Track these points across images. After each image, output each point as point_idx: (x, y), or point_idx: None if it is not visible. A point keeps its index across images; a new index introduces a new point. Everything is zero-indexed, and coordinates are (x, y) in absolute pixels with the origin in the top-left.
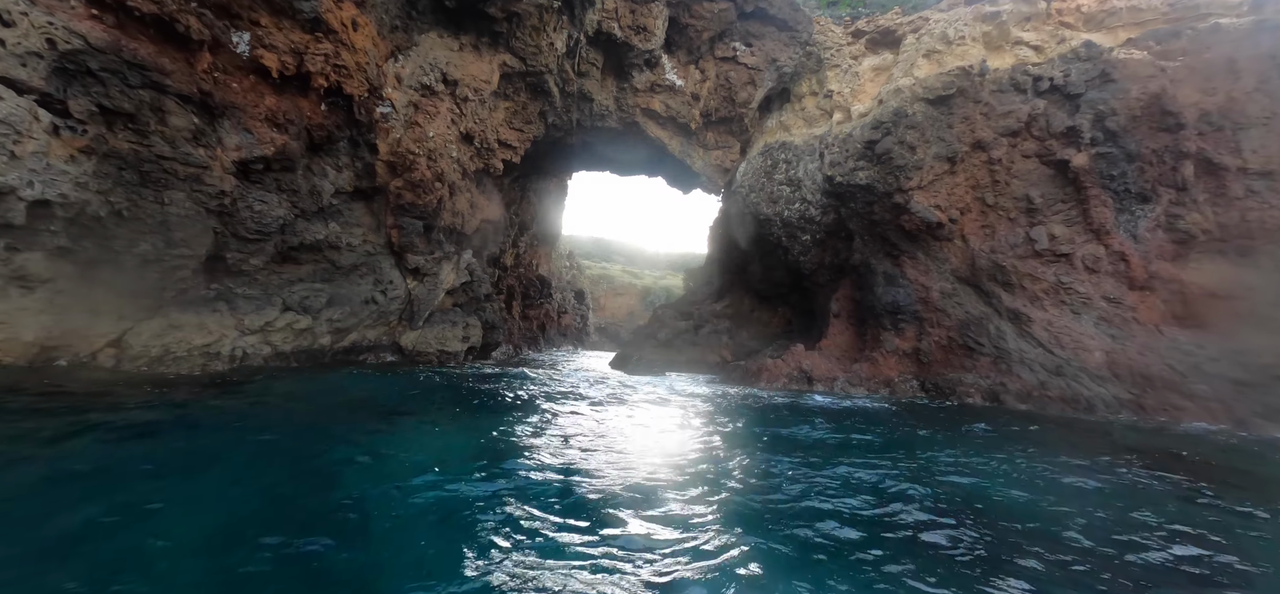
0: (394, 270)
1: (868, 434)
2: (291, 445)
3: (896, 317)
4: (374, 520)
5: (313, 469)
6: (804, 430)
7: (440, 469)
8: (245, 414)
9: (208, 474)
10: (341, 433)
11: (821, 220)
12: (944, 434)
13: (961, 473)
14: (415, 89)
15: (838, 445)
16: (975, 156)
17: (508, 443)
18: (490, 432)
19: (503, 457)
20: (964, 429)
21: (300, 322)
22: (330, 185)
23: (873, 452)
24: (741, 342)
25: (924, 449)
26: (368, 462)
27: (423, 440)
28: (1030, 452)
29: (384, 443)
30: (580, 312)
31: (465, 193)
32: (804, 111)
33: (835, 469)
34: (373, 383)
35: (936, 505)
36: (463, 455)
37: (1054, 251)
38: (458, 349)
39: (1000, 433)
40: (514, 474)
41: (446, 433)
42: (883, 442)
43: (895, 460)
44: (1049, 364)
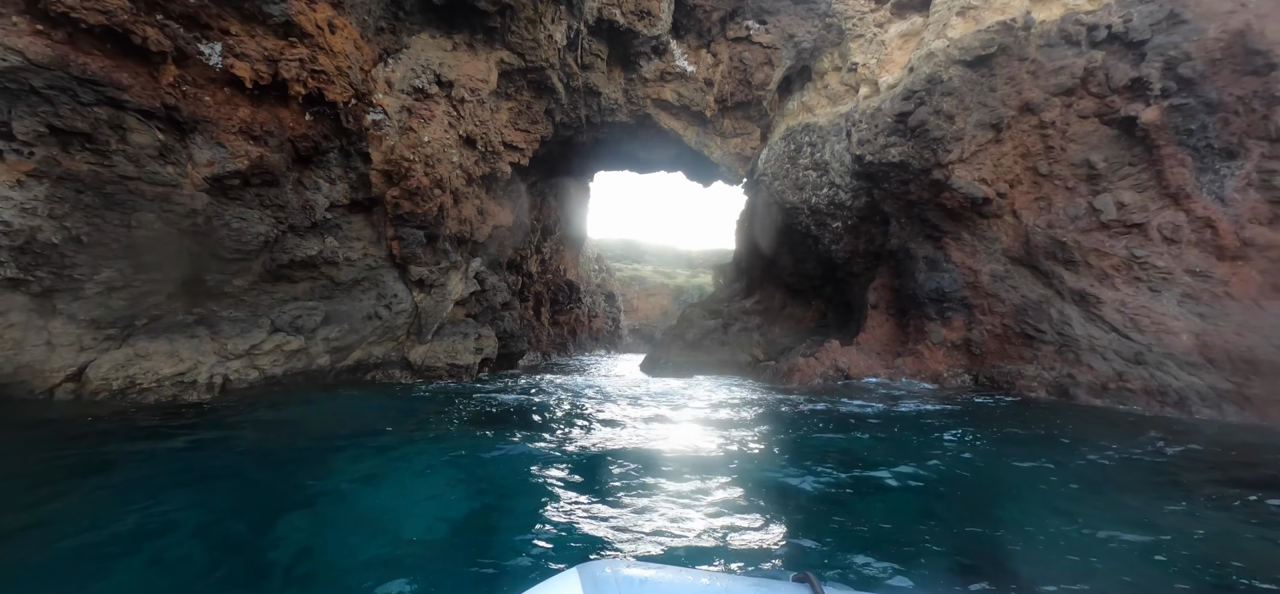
0: (398, 283)
1: (941, 461)
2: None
3: (942, 304)
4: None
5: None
6: (857, 469)
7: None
8: (174, 453)
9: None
10: (285, 474)
11: (852, 205)
12: (1033, 446)
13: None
14: (407, 93)
15: (913, 493)
16: (1024, 121)
17: (460, 480)
18: (451, 467)
19: (448, 495)
20: (1057, 438)
21: (291, 343)
22: (324, 199)
23: (966, 501)
24: (773, 339)
25: (1030, 488)
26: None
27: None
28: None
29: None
30: (611, 314)
31: (473, 199)
32: (827, 89)
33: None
34: (361, 405)
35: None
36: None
37: (1124, 222)
38: (470, 362)
39: (1118, 449)
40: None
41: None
42: (971, 482)
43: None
44: (1126, 351)
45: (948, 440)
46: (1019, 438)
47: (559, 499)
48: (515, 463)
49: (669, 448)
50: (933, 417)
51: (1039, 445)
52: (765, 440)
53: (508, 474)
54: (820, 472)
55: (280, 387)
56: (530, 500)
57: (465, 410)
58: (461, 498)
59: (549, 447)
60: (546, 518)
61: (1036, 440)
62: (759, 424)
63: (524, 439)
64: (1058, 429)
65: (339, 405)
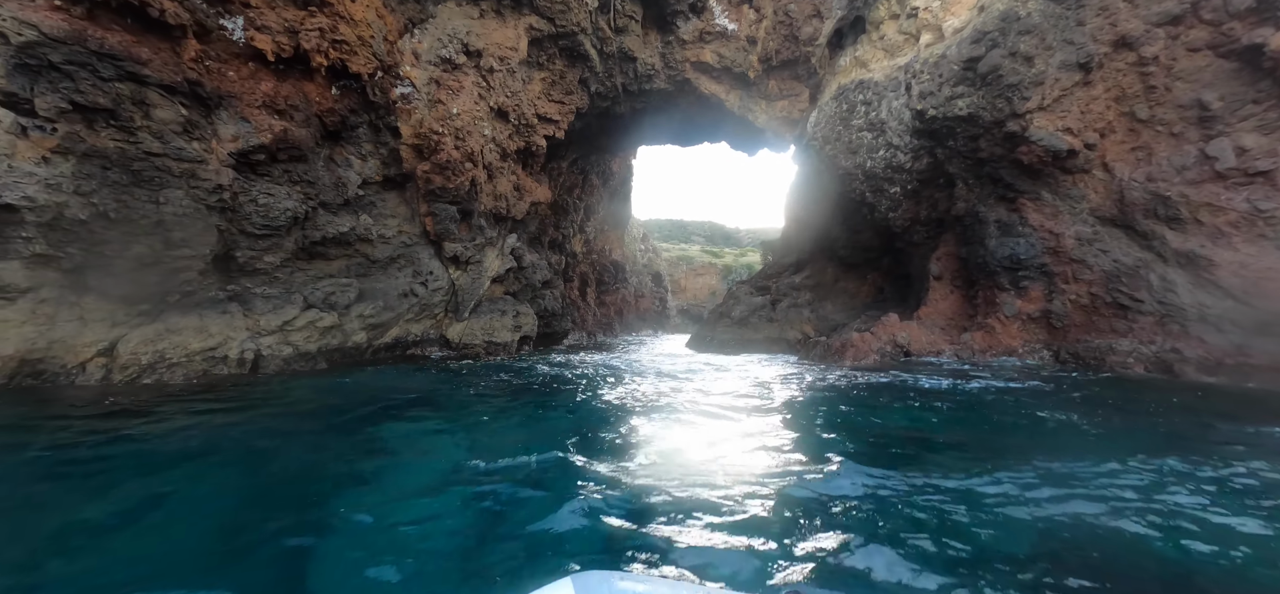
0: (434, 261)
1: (1048, 463)
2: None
3: (1017, 273)
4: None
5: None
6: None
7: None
8: (184, 430)
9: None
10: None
11: (913, 167)
12: (1182, 441)
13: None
14: (435, 64)
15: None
16: (1118, 58)
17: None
18: (466, 450)
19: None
20: (1210, 424)
21: (324, 319)
22: (356, 175)
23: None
24: (825, 315)
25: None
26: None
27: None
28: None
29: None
30: (658, 294)
31: (508, 175)
32: (884, 40)
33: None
34: (389, 382)
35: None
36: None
37: (1245, 171)
38: (508, 339)
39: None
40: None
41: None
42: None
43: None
44: (1248, 320)
45: (1046, 429)
46: (1147, 428)
47: (570, 490)
48: (532, 445)
49: (694, 435)
50: (1016, 398)
51: (1187, 438)
52: (809, 427)
53: (523, 458)
54: (876, 474)
55: (316, 363)
56: (544, 490)
57: (493, 388)
58: (467, 489)
59: (570, 429)
60: (557, 511)
61: (1176, 432)
62: (805, 408)
63: (546, 418)
64: (1195, 413)
65: (367, 382)
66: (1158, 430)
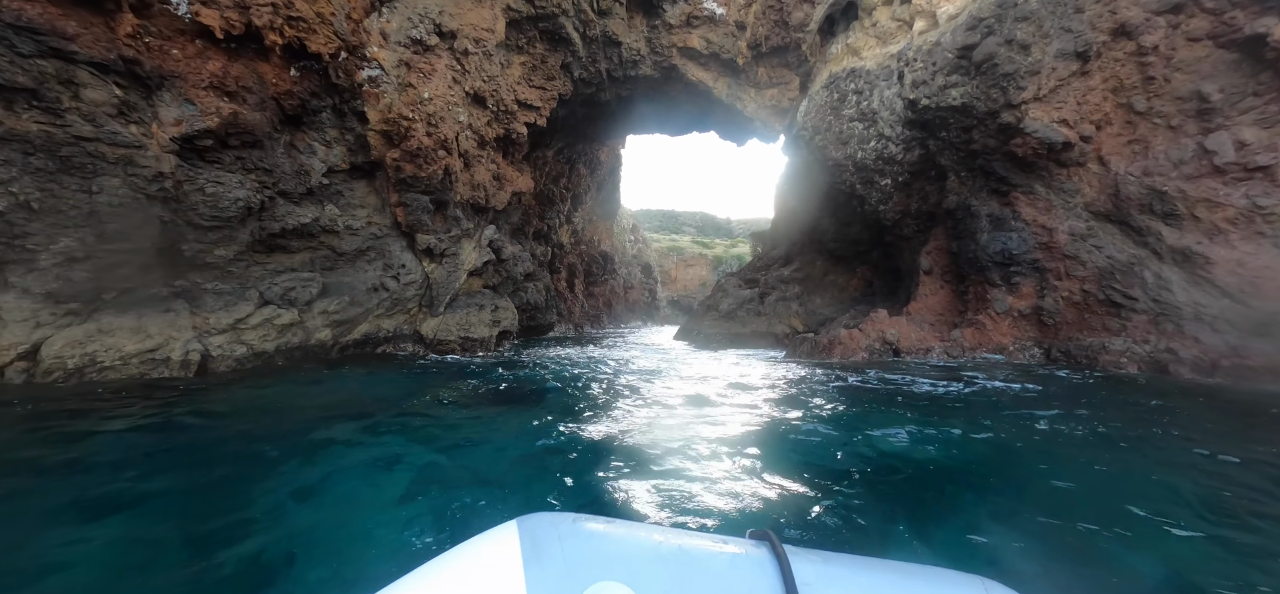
0: (406, 253)
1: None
2: None
3: (1008, 269)
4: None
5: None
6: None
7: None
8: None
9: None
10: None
11: (904, 159)
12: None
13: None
14: (405, 45)
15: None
16: (1117, 48)
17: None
18: (417, 453)
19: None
20: (1212, 431)
21: (283, 316)
22: (320, 163)
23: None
24: (813, 309)
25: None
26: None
27: None
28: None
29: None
30: (648, 285)
31: (487, 163)
32: (876, 27)
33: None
34: (351, 383)
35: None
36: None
37: (1244, 166)
38: (486, 335)
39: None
40: None
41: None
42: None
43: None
44: (1245, 321)
45: (1038, 433)
46: (1162, 437)
47: (516, 486)
48: (487, 447)
49: (651, 440)
50: (1011, 399)
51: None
52: (785, 434)
53: (475, 459)
54: (853, 499)
55: (273, 363)
56: (491, 488)
57: (459, 386)
58: (418, 494)
59: (529, 426)
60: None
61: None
62: (784, 407)
63: (506, 420)
64: (1197, 416)
65: (325, 383)
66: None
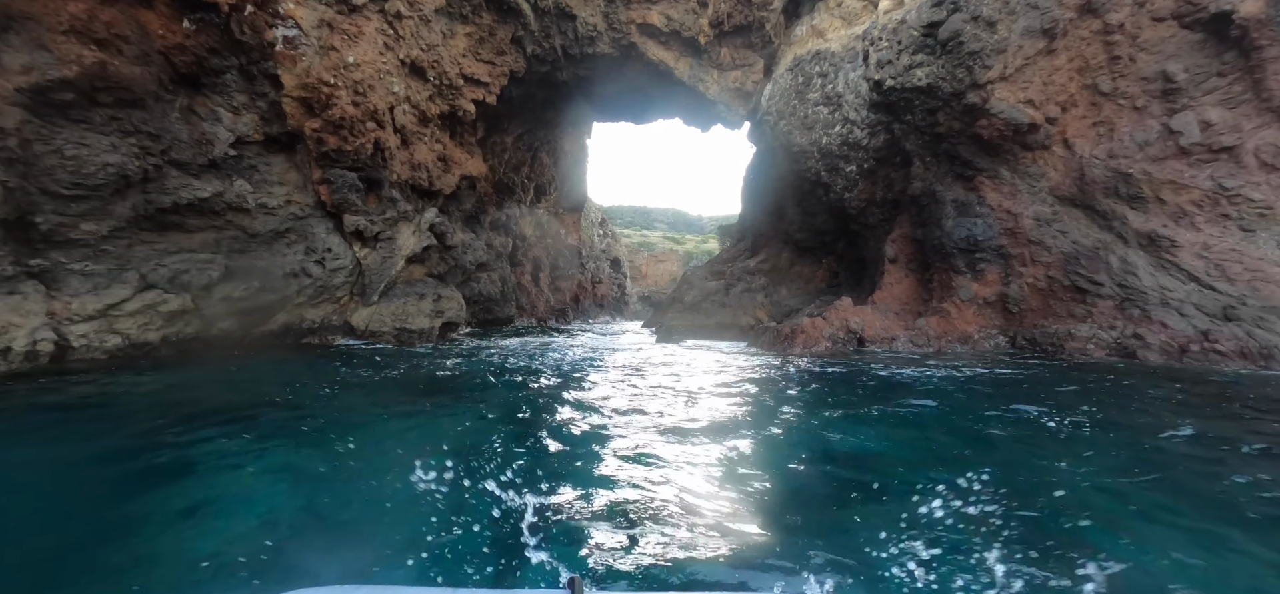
0: (333, 236)
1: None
2: None
3: (973, 255)
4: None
5: None
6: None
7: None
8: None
9: None
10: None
11: (869, 144)
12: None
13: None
14: (326, 3)
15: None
16: (1083, 26)
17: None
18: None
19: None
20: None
21: (170, 302)
22: (227, 131)
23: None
24: (779, 300)
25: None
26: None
27: None
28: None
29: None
30: (617, 280)
31: (430, 142)
32: (841, 8)
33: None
34: (226, 382)
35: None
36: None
37: (1209, 146)
38: (426, 325)
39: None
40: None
41: None
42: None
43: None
44: (1211, 305)
45: (1008, 432)
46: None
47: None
48: (363, 468)
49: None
50: (976, 388)
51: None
52: (722, 431)
53: (339, 487)
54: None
55: (158, 354)
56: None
57: (373, 382)
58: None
59: (430, 434)
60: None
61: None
62: (733, 401)
63: (406, 426)
64: (1185, 399)
65: (215, 379)
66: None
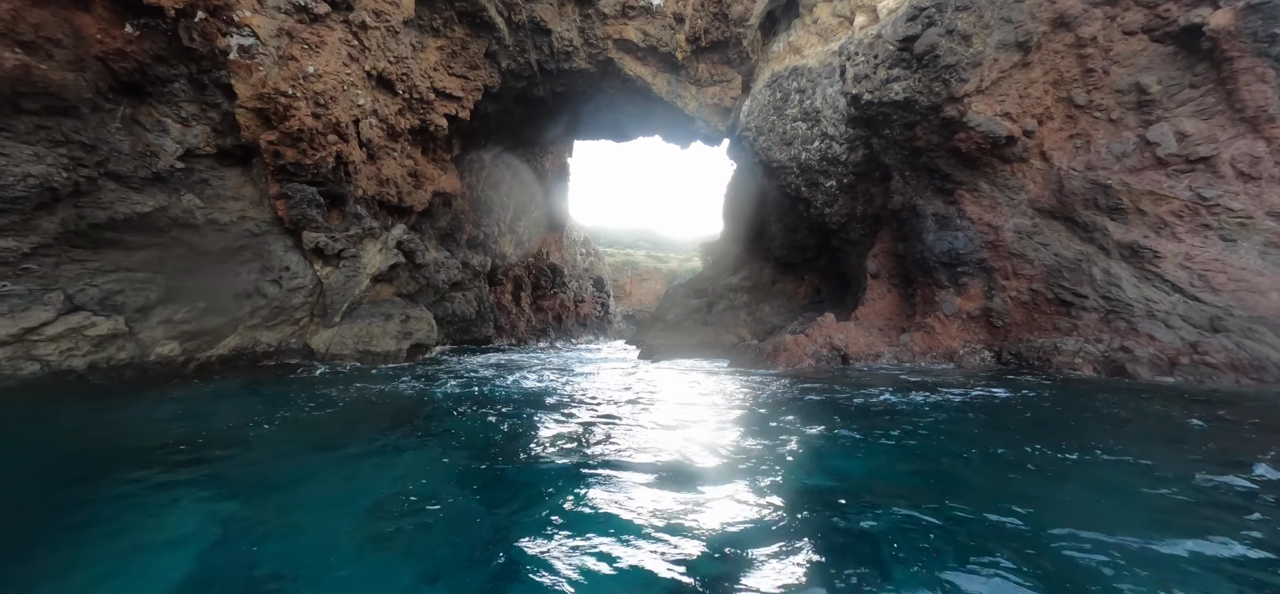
0: (291, 253)
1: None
2: None
3: (955, 269)
4: None
5: None
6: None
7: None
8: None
9: None
10: None
11: (848, 159)
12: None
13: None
14: (286, 11)
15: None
16: (1057, 39)
17: None
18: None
19: None
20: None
21: (99, 325)
22: (174, 143)
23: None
24: (762, 317)
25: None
26: None
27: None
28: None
29: None
30: (600, 299)
31: (400, 158)
32: (818, 24)
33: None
34: (151, 412)
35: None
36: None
37: (1186, 157)
38: (392, 348)
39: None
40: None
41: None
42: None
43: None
44: (1198, 316)
45: (1032, 473)
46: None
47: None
48: (289, 520)
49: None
50: (962, 414)
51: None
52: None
53: (250, 541)
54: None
55: (86, 382)
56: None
57: (324, 409)
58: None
59: (373, 472)
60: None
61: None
62: (714, 432)
63: (348, 463)
64: (1188, 424)
65: (137, 408)
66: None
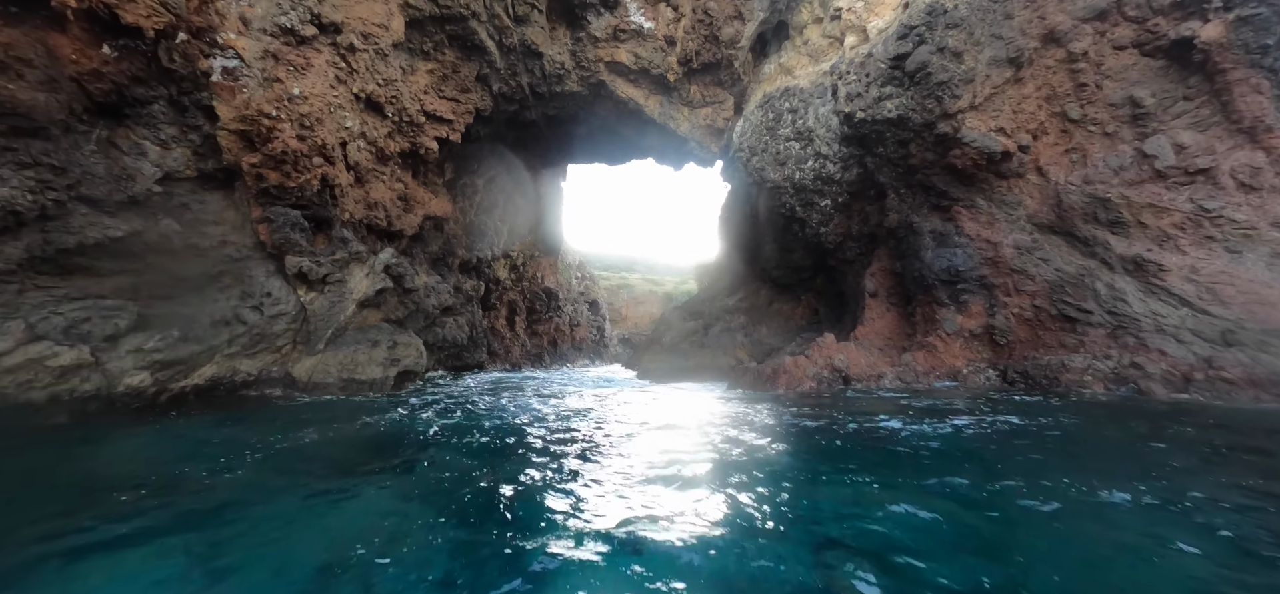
0: (274, 279)
1: None
2: None
3: (955, 287)
4: None
5: None
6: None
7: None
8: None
9: None
10: None
11: (842, 178)
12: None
13: None
14: (272, 34)
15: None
16: (1048, 55)
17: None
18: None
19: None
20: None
21: (60, 356)
22: (153, 166)
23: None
24: (759, 339)
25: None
26: None
27: None
28: None
29: None
30: (596, 323)
31: (390, 181)
32: (808, 45)
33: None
34: (98, 452)
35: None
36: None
37: (1185, 169)
38: (378, 376)
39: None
40: None
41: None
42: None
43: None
44: (1209, 330)
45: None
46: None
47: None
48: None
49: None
50: (980, 443)
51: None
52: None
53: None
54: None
55: (44, 417)
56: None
57: (298, 444)
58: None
59: (338, 525)
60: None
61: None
62: (715, 469)
63: (306, 515)
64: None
65: (106, 445)
66: None
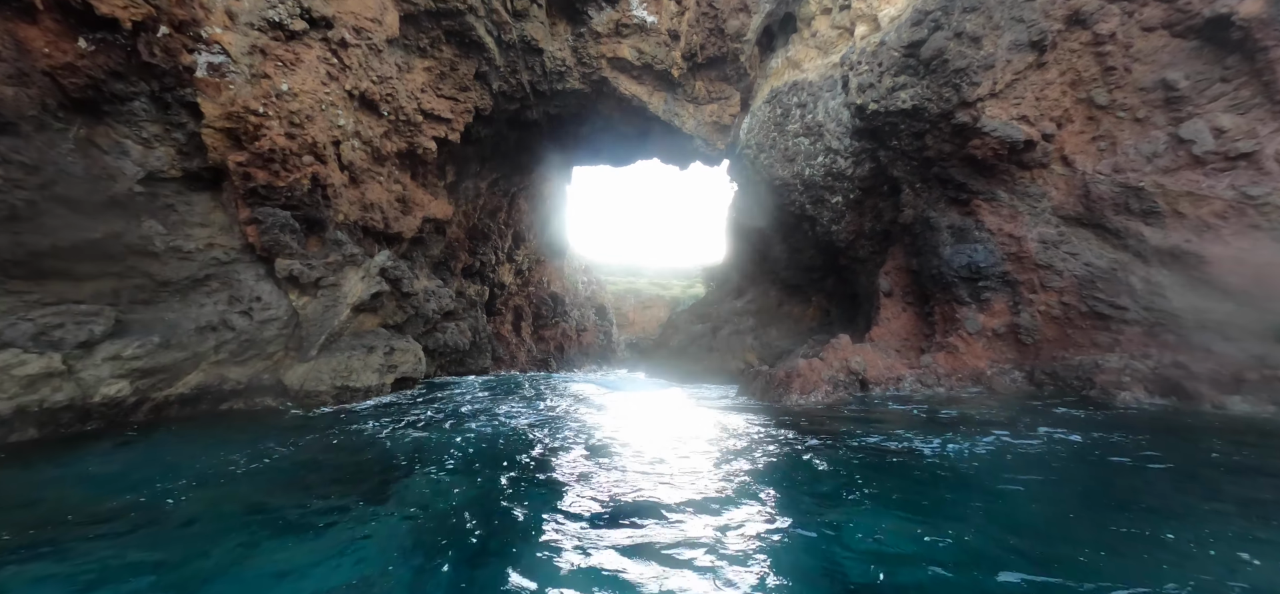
0: (263, 283)
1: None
2: None
3: (976, 284)
4: None
5: None
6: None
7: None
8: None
9: None
10: None
11: (854, 173)
12: None
13: None
14: (260, 28)
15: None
16: (1072, 37)
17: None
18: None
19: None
20: None
21: (29, 364)
22: (135, 165)
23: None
24: (769, 342)
25: None
26: None
27: None
28: None
29: None
30: (603, 328)
31: (387, 182)
32: (816, 37)
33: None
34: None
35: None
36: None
37: (1225, 154)
38: (373, 383)
39: None
40: None
41: None
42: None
43: None
44: (1260, 325)
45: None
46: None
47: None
48: None
49: None
50: (1027, 467)
51: None
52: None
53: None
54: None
55: (11, 431)
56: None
57: (290, 460)
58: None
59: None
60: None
61: None
62: (727, 499)
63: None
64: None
65: (72, 462)
66: None
